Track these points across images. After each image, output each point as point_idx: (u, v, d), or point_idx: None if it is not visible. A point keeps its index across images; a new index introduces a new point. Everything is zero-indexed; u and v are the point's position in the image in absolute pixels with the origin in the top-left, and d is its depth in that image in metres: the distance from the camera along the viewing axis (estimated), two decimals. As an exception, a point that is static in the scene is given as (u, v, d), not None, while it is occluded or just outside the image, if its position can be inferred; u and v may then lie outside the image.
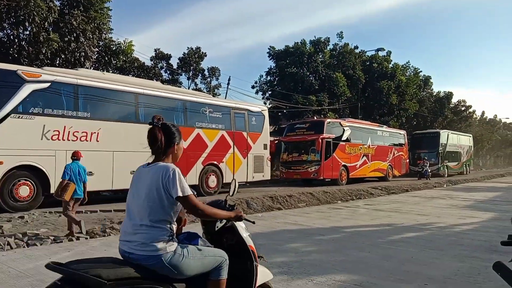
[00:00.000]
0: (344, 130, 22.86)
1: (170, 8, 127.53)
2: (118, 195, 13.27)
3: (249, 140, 16.48)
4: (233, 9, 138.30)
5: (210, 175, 14.89)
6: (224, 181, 15.34)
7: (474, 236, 8.28)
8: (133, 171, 2.76)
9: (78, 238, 7.51)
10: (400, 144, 29.31)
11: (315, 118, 24.34)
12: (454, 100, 50.30)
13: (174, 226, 2.58)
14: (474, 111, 58.80)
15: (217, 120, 15.20)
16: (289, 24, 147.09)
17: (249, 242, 3.00)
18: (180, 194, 2.44)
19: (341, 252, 6.67)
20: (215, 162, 15.09)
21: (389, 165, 26.95)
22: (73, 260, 2.34)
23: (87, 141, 11.49)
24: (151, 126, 2.62)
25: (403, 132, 31.07)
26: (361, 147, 24.17)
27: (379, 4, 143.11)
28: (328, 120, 23.10)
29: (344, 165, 22.41)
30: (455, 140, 36.70)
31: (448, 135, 35.20)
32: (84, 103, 11.68)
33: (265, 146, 17.29)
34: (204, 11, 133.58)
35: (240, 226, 3.00)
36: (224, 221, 2.86)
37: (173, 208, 2.52)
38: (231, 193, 3.31)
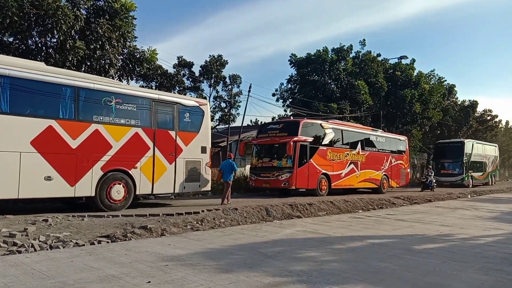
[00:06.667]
0: (325, 132, 19.76)
1: (193, 17, 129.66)
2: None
3: (179, 141, 13.26)
4: (255, 17, 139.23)
5: (114, 184, 11.53)
6: (138, 192, 12.12)
7: (499, 248, 8.04)
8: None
9: (99, 242, 7.64)
10: (400, 151, 25.87)
11: (291, 118, 21.37)
12: (479, 109, 49.34)
13: None
14: (500, 121, 57.71)
15: (128, 114, 12.08)
16: (310, 32, 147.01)
17: None
18: None
19: (361, 262, 6.57)
20: (124, 168, 11.79)
21: (384, 175, 23.59)
22: None
23: None
24: None
25: (403, 138, 27.59)
26: (347, 153, 20.93)
27: (401, 12, 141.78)
28: (305, 120, 19.94)
29: (324, 174, 19.20)
30: (480, 150, 35.89)
31: (473, 144, 34.46)
32: None
33: (203, 149, 13.92)
34: (226, 20, 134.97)
35: None
36: None
37: None
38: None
